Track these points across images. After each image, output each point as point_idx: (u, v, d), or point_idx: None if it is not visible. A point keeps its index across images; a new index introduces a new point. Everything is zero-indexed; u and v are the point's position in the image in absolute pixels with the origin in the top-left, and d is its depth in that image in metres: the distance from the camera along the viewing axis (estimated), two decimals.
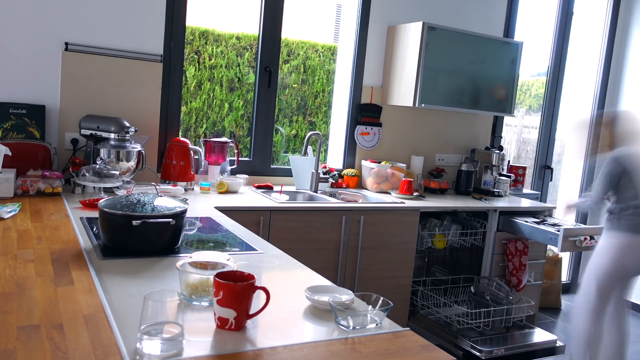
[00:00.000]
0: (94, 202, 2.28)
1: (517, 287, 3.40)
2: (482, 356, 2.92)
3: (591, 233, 3.14)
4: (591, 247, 3.03)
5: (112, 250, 1.66)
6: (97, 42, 2.87)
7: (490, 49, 3.68)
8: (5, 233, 1.79)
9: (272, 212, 2.75)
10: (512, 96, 3.81)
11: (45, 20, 2.75)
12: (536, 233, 3.24)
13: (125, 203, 1.65)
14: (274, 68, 3.43)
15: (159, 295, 1.05)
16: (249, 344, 1.11)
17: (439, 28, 3.45)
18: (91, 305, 1.23)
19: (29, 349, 1.00)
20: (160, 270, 1.52)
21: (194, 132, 3.50)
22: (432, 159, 3.99)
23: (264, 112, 3.45)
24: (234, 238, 2.01)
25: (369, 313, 1.29)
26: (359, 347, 1.15)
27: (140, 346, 1.03)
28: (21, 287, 1.31)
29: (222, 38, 3.48)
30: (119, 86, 2.93)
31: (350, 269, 3.03)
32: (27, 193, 2.40)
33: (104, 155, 2.63)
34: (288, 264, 1.71)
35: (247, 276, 1.20)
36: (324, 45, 3.82)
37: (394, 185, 3.53)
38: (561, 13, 4.47)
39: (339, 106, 3.76)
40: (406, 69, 3.51)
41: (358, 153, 3.71)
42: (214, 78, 3.48)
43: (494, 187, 3.93)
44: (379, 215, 3.04)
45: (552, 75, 4.52)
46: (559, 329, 3.98)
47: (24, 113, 2.72)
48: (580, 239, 3.07)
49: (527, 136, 4.90)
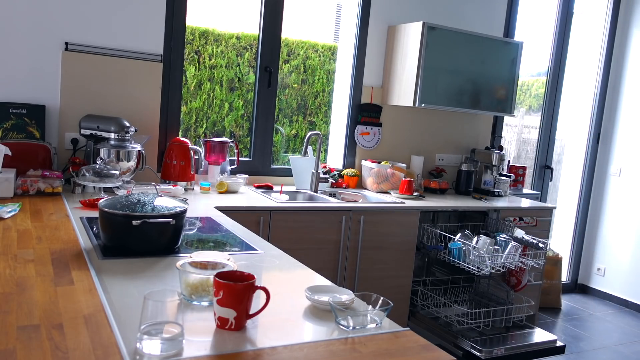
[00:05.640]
0: (94, 202, 2.28)
1: (517, 287, 3.40)
2: (482, 356, 2.92)
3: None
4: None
5: (112, 250, 1.66)
6: (97, 42, 2.87)
7: (490, 49, 3.68)
8: (5, 233, 1.79)
9: (272, 212, 2.75)
10: (512, 96, 3.81)
11: (46, 20, 2.75)
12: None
13: (125, 203, 1.65)
14: (274, 68, 3.43)
15: (159, 295, 1.05)
16: (249, 344, 1.11)
17: (439, 28, 3.45)
18: (91, 305, 1.23)
19: (29, 349, 1.00)
20: (160, 270, 1.52)
21: (194, 132, 3.50)
22: (432, 159, 3.99)
23: (264, 112, 3.45)
24: (234, 238, 2.01)
25: (369, 313, 1.29)
26: (359, 347, 1.15)
27: (140, 346, 1.03)
28: (21, 287, 1.31)
29: (222, 38, 3.48)
30: (119, 86, 2.93)
31: (350, 269, 3.03)
32: (27, 193, 2.40)
33: (104, 155, 2.63)
34: (288, 264, 1.71)
35: (247, 276, 1.20)
36: (324, 45, 3.82)
37: (394, 185, 3.53)
38: (561, 13, 4.47)
39: (339, 106, 3.76)
40: (406, 69, 3.51)
41: (358, 153, 3.71)
42: (214, 78, 3.48)
43: (494, 187, 3.93)
44: (379, 215, 3.04)
45: (552, 75, 4.52)
46: (559, 329, 3.98)
47: (24, 113, 2.72)
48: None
49: (527, 136, 4.90)
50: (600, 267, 4.72)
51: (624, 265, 4.54)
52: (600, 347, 3.69)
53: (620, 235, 4.57)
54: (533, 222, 3.60)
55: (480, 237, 3.10)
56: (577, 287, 4.90)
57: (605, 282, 4.69)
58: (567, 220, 4.88)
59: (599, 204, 4.76)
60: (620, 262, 4.57)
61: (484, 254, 3.02)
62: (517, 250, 3.07)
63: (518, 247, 3.07)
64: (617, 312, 4.40)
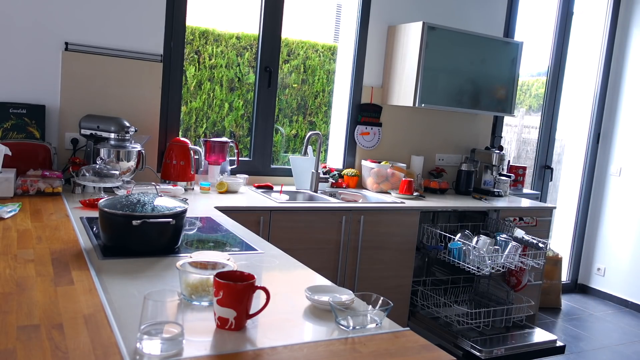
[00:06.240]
0: (94, 202, 2.28)
1: (517, 287, 3.40)
2: (482, 356, 2.92)
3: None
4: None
5: (112, 250, 1.66)
6: (97, 42, 2.87)
7: (490, 49, 3.68)
8: (5, 233, 1.79)
9: (272, 212, 2.75)
10: (512, 96, 3.81)
11: (45, 20, 2.75)
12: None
13: (125, 203, 1.65)
14: (274, 68, 3.43)
15: (159, 295, 1.05)
16: (249, 344, 1.11)
17: (439, 28, 3.45)
18: (91, 305, 1.23)
19: (29, 348, 1.00)
20: (160, 270, 1.52)
21: (194, 132, 3.50)
22: (432, 159, 3.99)
23: (264, 112, 3.45)
24: (234, 238, 2.01)
25: (369, 313, 1.29)
26: (359, 347, 1.15)
27: (140, 346, 1.03)
28: (21, 287, 1.31)
29: (222, 38, 3.48)
30: (119, 86, 2.93)
31: (350, 269, 3.03)
32: (27, 193, 2.40)
33: (104, 155, 2.63)
34: (288, 264, 1.71)
35: (247, 276, 1.20)
36: (324, 45, 3.82)
37: (394, 185, 3.53)
38: (561, 13, 4.47)
39: (339, 106, 3.76)
40: (406, 69, 3.51)
41: (358, 153, 3.71)
42: (214, 78, 3.48)
43: (494, 187, 3.93)
44: (379, 215, 3.04)
45: (552, 75, 4.52)
46: (559, 329, 3.98)
47: (24, 113, 2.72)
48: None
49: (527, 136, 4.90)
50: (600, 267, 4.72)
51: (624, 265, 4.54)
52: (600, 347, 3.69)
53: (620, 235, 4.57)
54: (533, 222, 3.60)
55: (480, 237, 3.10)
56: (577, 287, 4.90)
57: (605, 282, 4.69)
58: (567, 220, 4.88)
59: (599, 204, 4.76)
60: (620, 262, 4.57)
61: (484, 254, 3.01)
62: (517, 250, 3.07)
63: (518, 247, 3.07)
64: (617, 312, 4.40)
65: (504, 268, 3.09)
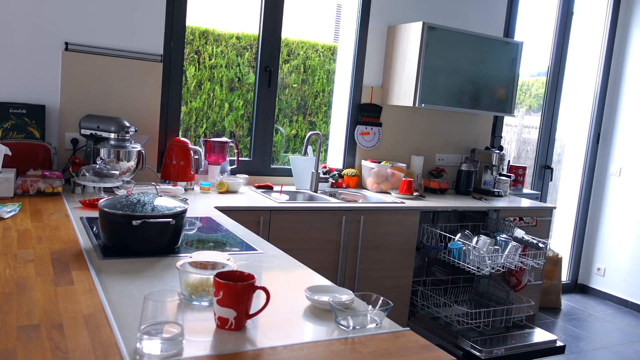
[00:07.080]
0: (94, 202, 2.28)
1: (517, 287, 3.40)
2: (482, 356, 2.92)
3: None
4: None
5: (112, 250, 1.66)
6: (97, 42, 2.87)
7: (490, 49, 3.68)
8: (5, 233, 1.79)
9: (272, 212, 2.75)
10: (512, 96, 3.81)
11: (46, 20, 2.75)
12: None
13: (125, 203, 1.65)
14: (274, 68, 3.43)
15: (159, 295, 1.05)
16: (249, 344, 1.11)
17: (439, 28, 3.45)
18: (91, 305, 1.23)
19: (29, 349, 1.00)
20: (160, 270, 1.52)
21: (194, 132, 3.50)
22: (432, 159, 3.99)
23: (264, 112, 3.45)
24: (234, 238, 2.01)
25: (369, 313, 1.29)
26: (359, 347, 1.15)
27: (140, 346, 1.03)
28: (21, 287, 1.31)
29: (222, 38, 3.48)
30: (119, 86, 2.93)
31: (350, 269, 3.02)
32: (27, 193, 2.40)
33: (104, 155, 2.63)
34: (288, 264, 1.71)
35: (247, 276, 1.20)
36: (324, 45, 3.82)
37: (394, 185, 3.53)
38: (561, 13, 4.47)
39: (339, 106, 3.76)
40: (406, 69, 3.51)
41: (358, 153, 3.71)
42: (214, 78, 3.48)
43: (494, 187, 3.93)
44: (379, 215, 3.04)
45: (552, 75, 4.52)
46: (559, 329, 3.98)
47: (24, 113, 2.72)
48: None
49: (527, 136, 4.90)
50: (600, 267, 4.72)
51: (624, 265, 4.54)
52: (600, 347, 3.69)
53: (620, 235, 4.57)
54: (533, 222, 3.60)
55: (480, 237, 3.10)
56: (577, 287, 4.90)
57: (605, 282, 4.69)
58: (567, 220, 4.88)
59: (599, 204, 4.76)
60: (620, 262, 4.57)
61: (484, 254, 3.01)
62: (517, 250, 3.07)
63: (518, 247, 3.07)
64: (617, 312, 4.40)
65: (504, 268, 3.09)
